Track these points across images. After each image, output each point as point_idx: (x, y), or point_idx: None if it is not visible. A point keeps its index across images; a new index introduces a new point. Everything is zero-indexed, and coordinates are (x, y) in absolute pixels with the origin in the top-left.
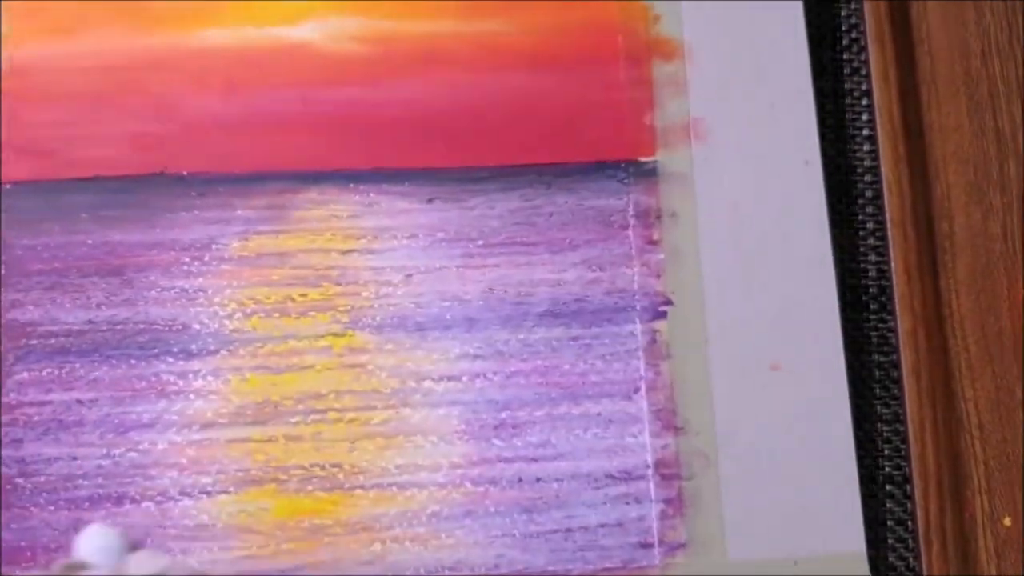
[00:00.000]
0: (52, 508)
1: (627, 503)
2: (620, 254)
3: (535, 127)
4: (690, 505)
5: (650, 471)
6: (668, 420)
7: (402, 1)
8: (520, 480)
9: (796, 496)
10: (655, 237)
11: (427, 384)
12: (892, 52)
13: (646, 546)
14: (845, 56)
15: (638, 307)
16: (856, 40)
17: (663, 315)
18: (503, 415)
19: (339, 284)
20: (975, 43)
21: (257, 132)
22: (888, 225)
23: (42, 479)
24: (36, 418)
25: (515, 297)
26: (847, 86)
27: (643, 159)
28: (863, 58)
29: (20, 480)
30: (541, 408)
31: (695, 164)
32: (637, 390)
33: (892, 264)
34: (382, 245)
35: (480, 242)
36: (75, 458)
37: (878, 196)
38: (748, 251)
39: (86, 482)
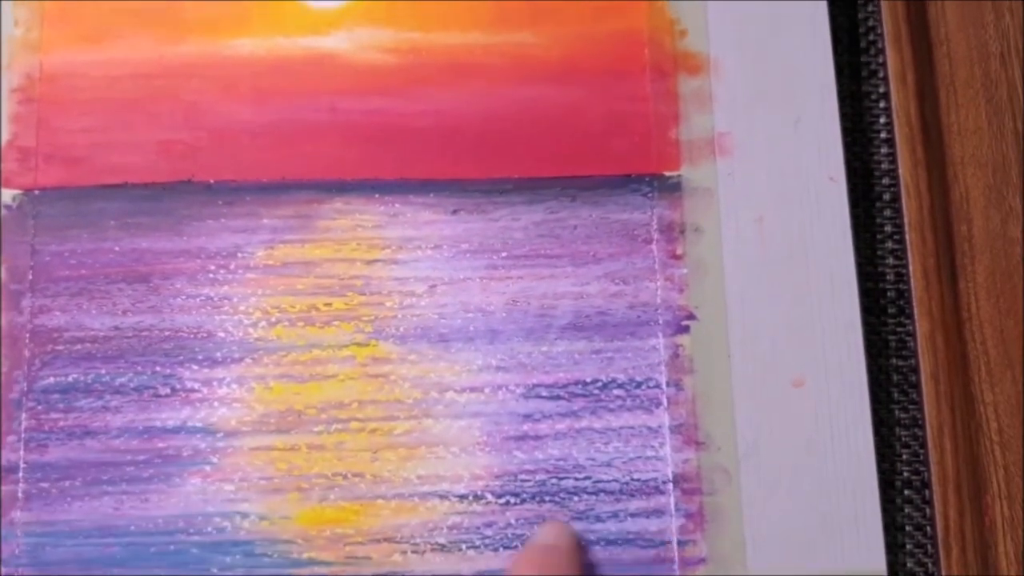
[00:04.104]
0: (78, 513)
1: (647, 517)
2: (644, 268)
3: (561, 139)
4: (711, 520)
5: (671, 486)
6: (690, 435)
7: (431, 12)
8: (541, 492)
9: (817, 513)
10: (679, 251)
11: (449, 395)
12: (910, 54)
13: (666, 560)
14: (863, 58)
15: (661, 321)
16: (874, 42)
17: (686, 329)
18: (525, 427)
19: (363, 294)
20: (994, 45)
21: (285, 141)
22: (906, 228)
23: (67, 484)
24: (61, 424)
25: (538, 310)
26: (864, 88)
27: (668, 173)
28: (880, 60)
29: (45, 485)
30: (563, 421)
31: (720, 179)
32: (659, 404)
33: (910, 268)
34: (406, 255)
35: (504, 254)
36: (101, 463)
37: (896, 199)
38: (772, 267)
39: (111, 488)
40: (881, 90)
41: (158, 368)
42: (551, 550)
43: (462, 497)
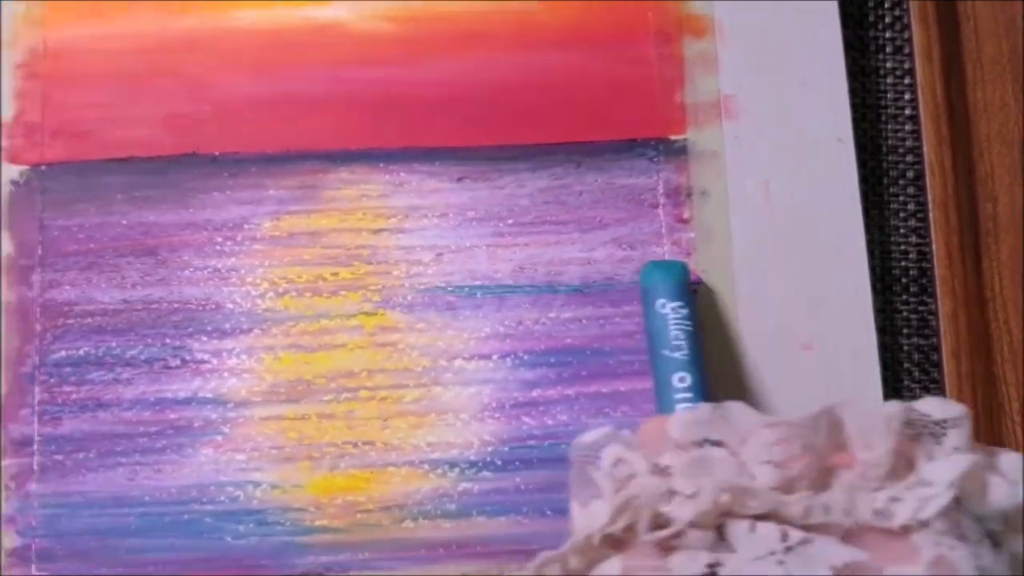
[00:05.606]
0: (92, 484)
1: None
2: (650, 233)
3: (566, 105)
4: None
5: None
6: None
7: None
8: (550, 458)
9: None
10: (685, 215)
11: (458, 363)
12: (936, 30)
13: None
14: (888, 34)
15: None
16: (899, 18)
17: (693, 293)
18: (533, 393)
19: (370, 263)
20: (1022, 20)
21: (288, 112)
22: (930, 207)
23: (81, 456)
24: (74, 396)
25: (545, 276)
26: (889, 65)
27: (673, 137)
28: (906, 36)
29: (59, 457)
30: (571, 387)
31: (726, 142)
32: None
33: (933, 246)
34: (412, 224)
35: (510, 221)
36: (114, 435)
37: (919, 177)
38: (779, 229)
39: (125, 459)
40: (906, 66)
41: (168, 340)
42: None
43: (472, 464)
